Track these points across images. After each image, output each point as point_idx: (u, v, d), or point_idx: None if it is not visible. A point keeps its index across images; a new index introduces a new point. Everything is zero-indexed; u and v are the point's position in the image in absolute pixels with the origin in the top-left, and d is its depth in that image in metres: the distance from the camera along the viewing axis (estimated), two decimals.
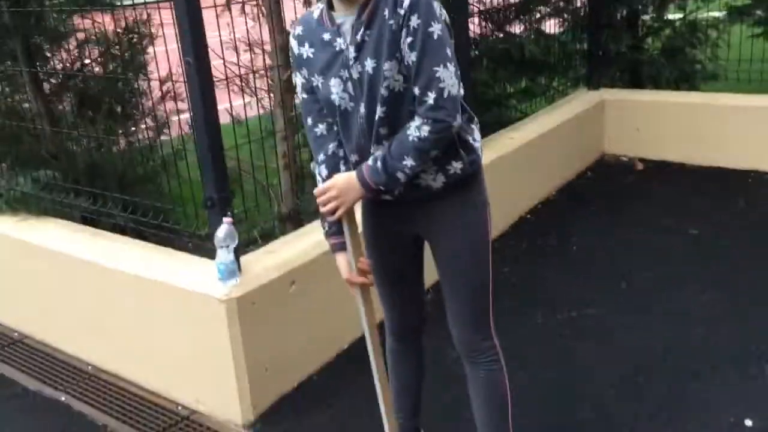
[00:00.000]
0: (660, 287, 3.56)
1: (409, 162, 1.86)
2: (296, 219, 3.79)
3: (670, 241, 4.05)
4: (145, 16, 4.36)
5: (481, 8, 4.90)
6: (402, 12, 1.77)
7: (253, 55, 3.75)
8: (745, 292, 3.44)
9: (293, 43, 2.01)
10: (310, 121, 2.05)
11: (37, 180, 3.65)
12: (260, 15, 3.67)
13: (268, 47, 3.75)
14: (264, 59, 3.75)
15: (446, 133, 1.84)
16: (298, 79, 2.04)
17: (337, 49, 1.89)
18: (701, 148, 5.10)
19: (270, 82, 3.82)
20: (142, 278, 2.93)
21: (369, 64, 1.84)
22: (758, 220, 4.21)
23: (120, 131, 4.32)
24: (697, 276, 3.63)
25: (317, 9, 1.97)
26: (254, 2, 3.74)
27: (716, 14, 5.75)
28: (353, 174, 1.94)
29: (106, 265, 3.06)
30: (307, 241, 3.11)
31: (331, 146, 2.05)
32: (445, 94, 1.80)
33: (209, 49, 2.59)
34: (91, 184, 3.77)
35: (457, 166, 1.98)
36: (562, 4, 5.70)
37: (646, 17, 5.86)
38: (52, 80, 4.32)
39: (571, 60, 5.78)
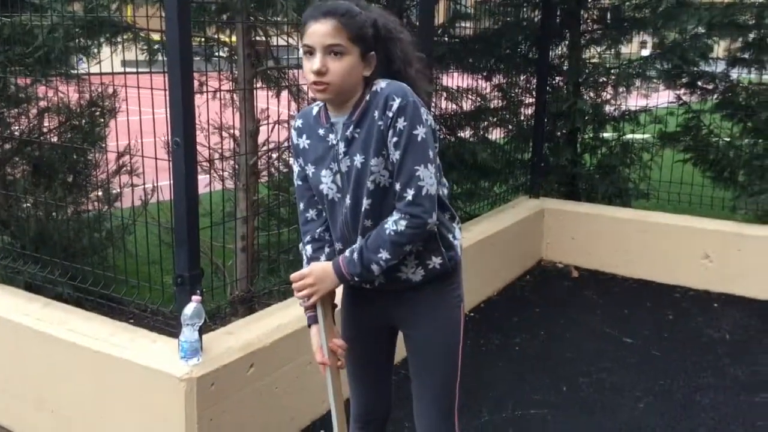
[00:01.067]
0: (599, 393, 3.70)
1: (384, 255, 1.97)
2: (249, 302, 3.80)
3: (605, 349, 4.22)
4: (111, 90, 4.42)
5: (436, 113, 5.16)
6: (390, 114, 1.92)
7: (221, 139, 3.85)
8: (678, 401, 3.61)
9: (293, 133, 2.15)
10: (302, 205, 2.17)
11: None
12: (233, 101, 3.78)
13: (237, 132, 3.85)
14: (232, 143, 3.85)
15: (422, 230, 1.96)
16: (295, 167, 2.16)
17: (330, 143, 2.03)
18: (631, 261, 5.39)
19: (236, 166, 3.89)
20: (97, 352, 2.88)
21: (358, 159, 1.98)
22: (686, 334, 4.44)
23: (70, 201, 4.30)
24: (633, 384, 3.78)
25: (317, 106, 2.11)
26: (227, 90, 3.85)
27: (647, 136, 6.18)
28: (330, 264, 2.05)
29: (57, 336, 3.00)
30: (266, 325, 3.13)
31: (319, 230, 2.16)
32: (423, 192, 1.93)
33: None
34: (37, 251, 3.72)
35: (436, 261, 2.10)
36: (508, 115, 6.04)
37: (585, 135, 6.24)
38: (7, 145, 4.29)
39: (513, 168, 6.08)
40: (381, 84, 1.97)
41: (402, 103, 1.91)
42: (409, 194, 1.93)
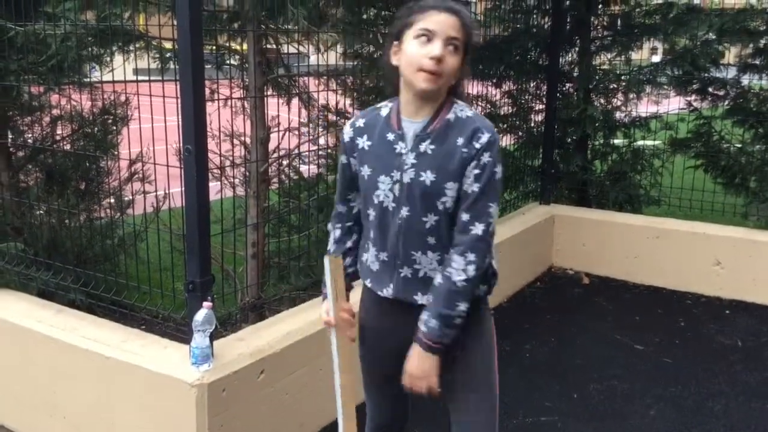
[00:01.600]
0: (610, 400, 3.69)
1: (462, 306, 1.95)
2: (259, 309, 3.81)
3: (616, 355, 4.21)
4: (123, 98, 4.46)
5: None
6: (478, 146, 1.92)
7: (232, 146, 3.88)
8: (689, 408, 3.60)
9: (348, 130, 2.10)
10: (337, 197, 2.19)
11: (2, 252, 3.61)
12: (244, 109, 3.80)
13: (248, 139, 3.87)
14: (243, 151, 3.87)
15: (484, 266, 1.96)
16: (342, 159, 2.13)
17: (397, 151, 1.99)
18: (643, 267, 5.38)
19: (247, 173, 3.91)
20: (109, 358, 2.90)
21: (427, 176, 1.94)
22: (698, 340, 4.43)
23: (83, 208, 4.33)
24: (644, 391, 3.77)
25: (386, 107, 2.07)
26: (238, 98, 3.88)
27: (657, 143, 6.17)
28: (417, 350, 1.99)
29: (70, 343, 3.02)
30: (277, 331, 3.14)
31: (349, 223, 2.18)
32: (490, 229, 1.94)
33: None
34: (49, 258, 3.75)
35: (483, 288, 2.09)
36: (518, 122, 6.04)
37: (596, 142, 6.23)
38: (20, 153, 4.33)
39: (523, 174, 6.08)
40: (467, 111, 1.98)
41: (491, 138, 1.92)
42: (479, 229, 1.92)
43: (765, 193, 5.42)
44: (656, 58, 6.49)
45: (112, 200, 4.44)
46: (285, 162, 4.19)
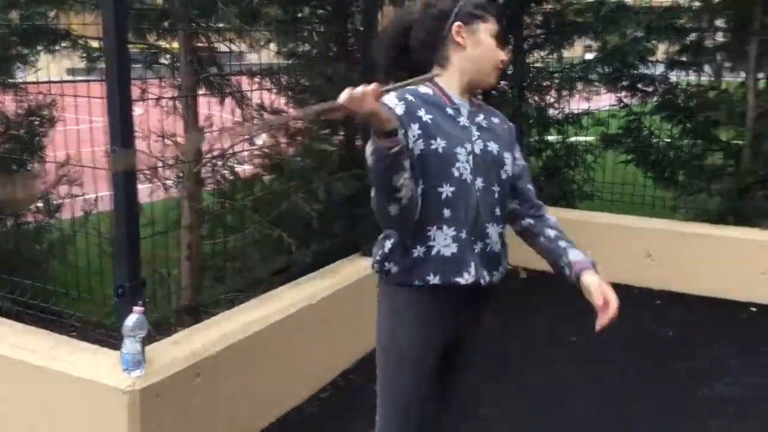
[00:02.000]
0: (547, 392, 3.75)
1: None
2: (195, 312, 3.75)
3: (552, 348, 4.28)
4: (49, 99, 4.33)
5: None
6: (513, 127, 2.21)
7: (164, 147, 3.79)
8: (623, 398, 3.68)
9: (398, 103, 1.95)
10: None
11: None
12: (175, 108, 3.74)
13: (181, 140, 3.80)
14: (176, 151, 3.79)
15: None
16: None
17: (462, 124, 2.04)
18: None
19: (180, 173, 3.85)
20: (37, 366, 2.81)
21: (493, 146, 2.06)
22: (630, 331, 4.52)
23: (9, 213, 4.20)
24: (580, 383, 3.85)
25: (425, 88, 2.04)
26: (169, 97, 3.81)
27: (590, 139, 6.30)
28: (596, 275, 2.16)
29: None
30: (212, 334, 3.10)
31: None
32: None
33: None
34: None
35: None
36: None
37: (530, 138, 6.32)
38: None
39: None
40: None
41: None
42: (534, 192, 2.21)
43: (693, 186, 5.59)
44: (590, 56, 6.62)
45: (40, 204, 4.32)
46: (220, 162, 4.13)
